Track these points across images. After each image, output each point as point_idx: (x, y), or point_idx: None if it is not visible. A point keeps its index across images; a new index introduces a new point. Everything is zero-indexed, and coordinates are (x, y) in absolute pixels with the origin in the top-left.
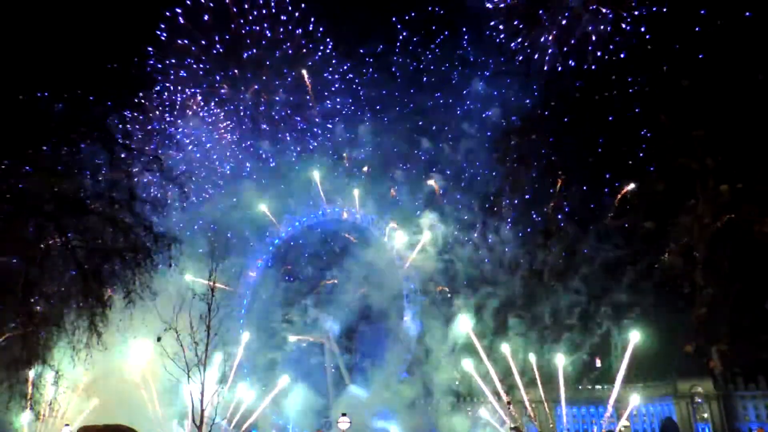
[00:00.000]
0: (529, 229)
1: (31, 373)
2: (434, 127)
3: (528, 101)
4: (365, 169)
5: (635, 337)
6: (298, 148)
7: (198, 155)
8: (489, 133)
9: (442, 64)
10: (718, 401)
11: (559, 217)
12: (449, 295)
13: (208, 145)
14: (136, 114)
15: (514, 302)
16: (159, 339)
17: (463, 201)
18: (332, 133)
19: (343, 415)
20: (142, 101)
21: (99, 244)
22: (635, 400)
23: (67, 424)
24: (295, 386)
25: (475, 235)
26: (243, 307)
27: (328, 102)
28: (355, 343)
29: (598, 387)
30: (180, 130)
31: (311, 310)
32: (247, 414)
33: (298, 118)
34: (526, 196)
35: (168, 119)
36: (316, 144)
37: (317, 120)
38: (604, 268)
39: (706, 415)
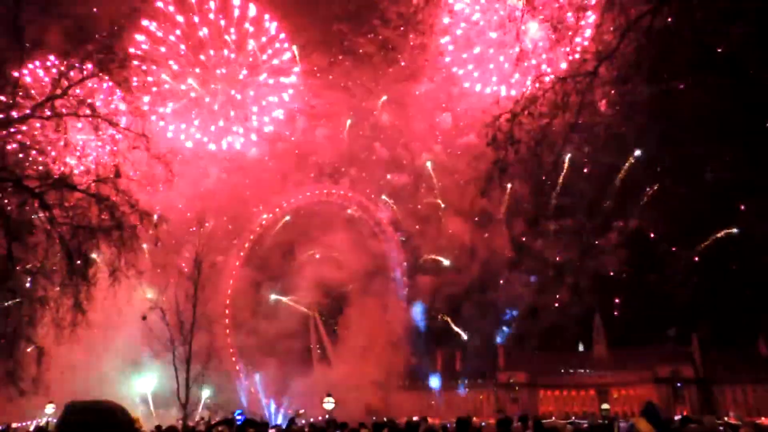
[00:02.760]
0: None
1: (15, 350)
2: None
3: None
4: None
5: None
6: None
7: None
8: None
9: None
10: (698, 386)
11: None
12: None
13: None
14: (123, 92)
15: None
16: (144, 317)
17: None
18: None
19: (328, 395)
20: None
21: (84, 222)
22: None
23: (50, 402)
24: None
25: None
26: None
27: None
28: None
29: (580, 371)
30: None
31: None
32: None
33: None
34: None
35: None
36: None
37: None
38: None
39: (685, 399)
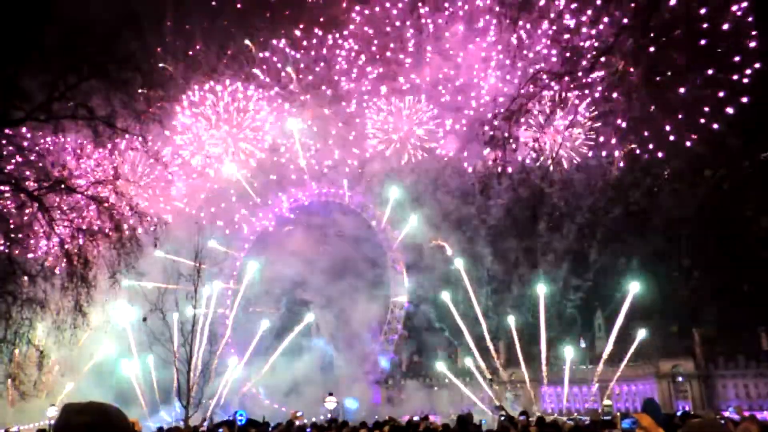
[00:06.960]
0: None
1: (16, 353)
2: None
3: None
4: None
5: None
6: None
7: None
8: None
9: None
10: (699, 380)
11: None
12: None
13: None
14: (120, 92)
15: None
16: (145, 319)
17: None
18: None
19: (330, 394)
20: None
21: (83, 224)
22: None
23: (52, 404)
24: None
25: None
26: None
27: None
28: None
29: (582, 367)
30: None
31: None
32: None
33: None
34: None
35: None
36: None
37: None
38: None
39: (687, 394)
